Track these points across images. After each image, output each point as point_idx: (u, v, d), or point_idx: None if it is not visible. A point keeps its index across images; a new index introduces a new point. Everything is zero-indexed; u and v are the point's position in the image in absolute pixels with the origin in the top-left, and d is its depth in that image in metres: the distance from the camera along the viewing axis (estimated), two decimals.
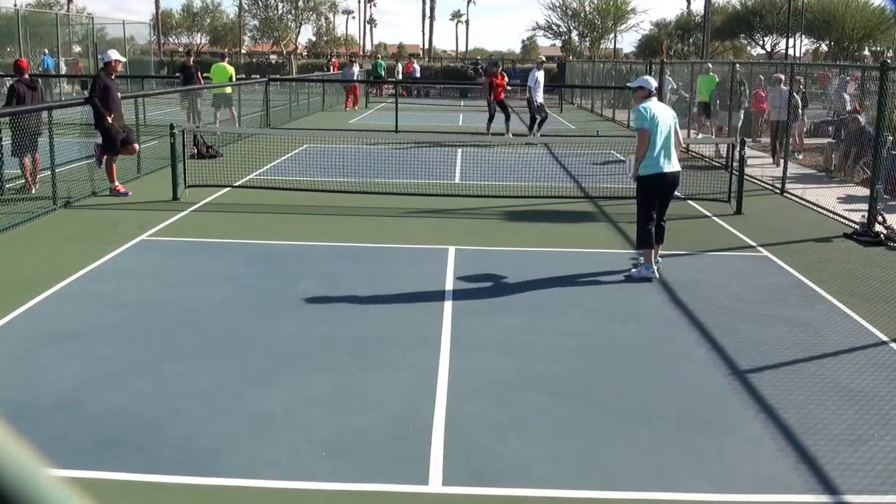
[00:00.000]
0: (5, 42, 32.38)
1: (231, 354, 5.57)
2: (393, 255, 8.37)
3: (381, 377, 5.22)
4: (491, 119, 19.74)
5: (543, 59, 22.59)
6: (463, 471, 4.07)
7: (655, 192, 7.58)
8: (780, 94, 15.51)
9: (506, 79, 20.72)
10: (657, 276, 7.61)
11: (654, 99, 7.65)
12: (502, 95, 20.00)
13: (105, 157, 11.30)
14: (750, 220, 10.44)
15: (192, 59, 21.57)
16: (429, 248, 8.66)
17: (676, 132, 7.62)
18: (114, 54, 11.58)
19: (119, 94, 11.51)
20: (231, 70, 20.21)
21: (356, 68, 32.45)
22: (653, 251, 7.64)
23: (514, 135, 18.95)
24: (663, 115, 7.55)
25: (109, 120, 10.99)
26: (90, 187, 11.53)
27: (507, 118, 19.70)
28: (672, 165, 7.56)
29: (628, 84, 8.14)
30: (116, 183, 11.37)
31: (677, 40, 62.40)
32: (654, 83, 7.78)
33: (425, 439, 4.38)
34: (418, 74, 41.95)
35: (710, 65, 21.14)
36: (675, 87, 21.93)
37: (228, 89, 19.35)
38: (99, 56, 32.28)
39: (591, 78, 33.45)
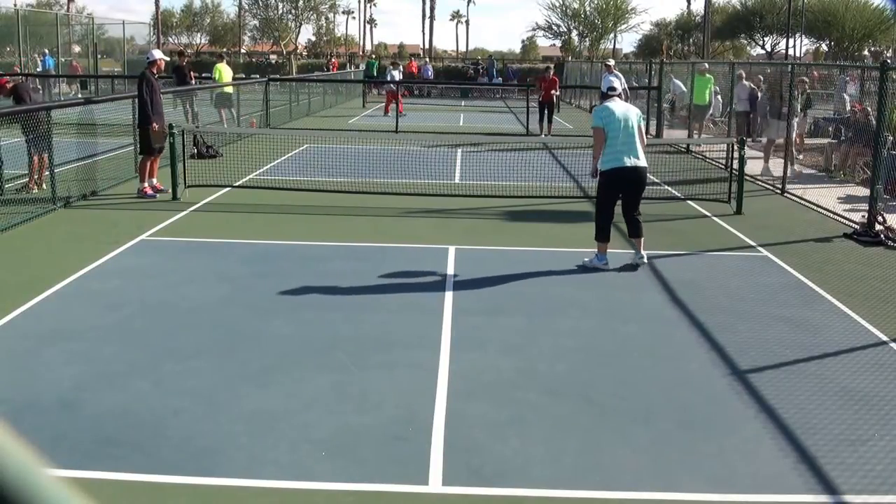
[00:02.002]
0: (5, 42, 32.39)
1: (230, 354, 5.57)
2: (393, 255, 8.37)
3: (381, 377, 5.22)
4: (546, 118, 20.51)
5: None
6: (463, 471, 4.07)
7: (616, 186, 7.86)
8: (742, 88, 17.66)
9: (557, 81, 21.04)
10: (608, 267, 7.89)
11: (616, 99, 7.99)
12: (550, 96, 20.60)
13: (148, 187, 11.38)
14: (750, 220, 10.44)
15: (185, 59, 21.60)
16: (429, 248, 8.66)
17: (640, 130, 7.90)
18: (158, 53, 11.84)
19: (161, 96, 11.61)
20: (228, 70, 20.43)
21: (397, 72, 30.13)
22: (607, 245, 7.96)
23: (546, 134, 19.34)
24: (622, 112, 7.84)
25: (156, 127, 11.07)
26: (90, 187, 11.53)
27: (546, 119, 20.42)
28: (634, 160, 7.78)
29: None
30: (145, 184, 11.37)
31: (677, 40, 62.41)
32: (609, 83, 8.15)
33: (425, 439, 4.38)
34: (431, 74, 40.05)
35: (706, 64, 19.92)
36: (684, 90, 21.37)
37: (229, 89, 19.40)
38: (100, 56, 32.37)
39: (591, 78, 33.44)
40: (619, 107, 7.90)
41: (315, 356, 5.55)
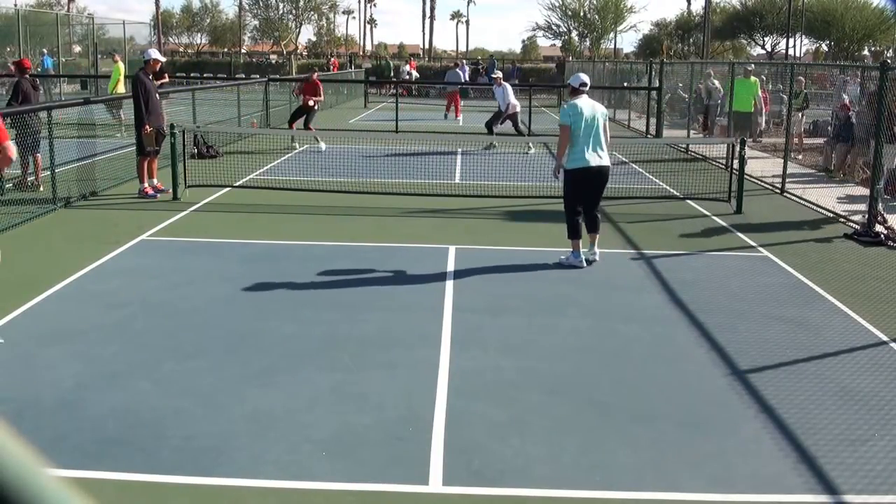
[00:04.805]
0: (5, 42, 32.37)
1: (231, 354, 5.57)
2: (393, 255, 8.37)
3: (382, 377, 5.22)
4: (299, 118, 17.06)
5: (499, 74, 18.49)
6: (463, 471, 4.07)
7: (581, 184, 7.92)
8: (707, 86, 19.23)
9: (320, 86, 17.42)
10: (584, 264, 7.99)
11: (584, 96, 8.00)
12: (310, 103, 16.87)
13: (148, 188, 11.35)
14: (750, 220, 10.44)
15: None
16: (429, 248, 8.66)
17: (605, 128, 7.96)
18: (154, 53, 11.63)
19: (158, 95, 11.52)
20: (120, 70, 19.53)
21: (460, 71, 27.70)
22: (581, 241, 8.01)
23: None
24: (589, 110, 7.87)
25: (148, 129, 11.00)
26: (90, 187, 11.54)
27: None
28: (598, 159, 7.85)
29: (569, 81, 8.44)
30: (146, 184, 11.34)
31: (677, 40, 62.37)
32: (581, 79, 8.10)
33: (425, 439, 4.38)
34: (467, 77, 37.20)
35: (752, 65, 17.57)
36: (682, 94, 21.14)
37: (121, 89, 18.85)
38: (100, 56, 32.36)
39: (592, 78, 33.37)
40: (587, 104, 7.95)
41: (315, 356, 5.56)
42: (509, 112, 17.44)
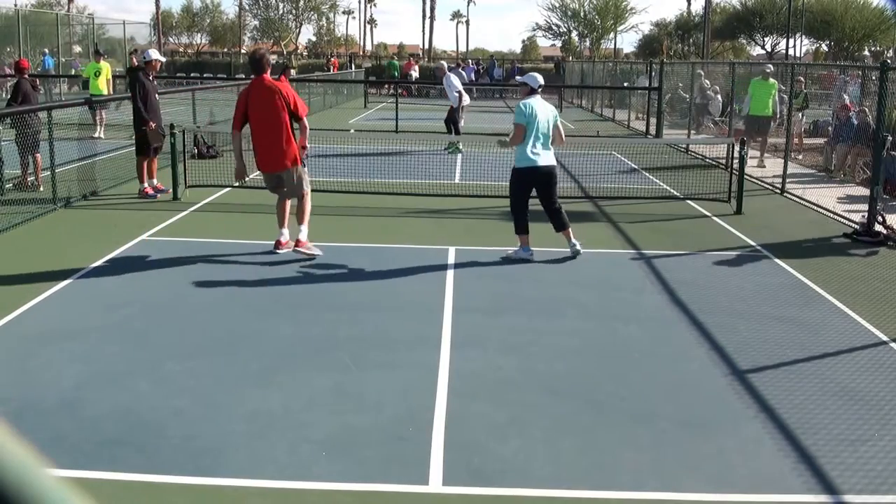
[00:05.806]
0: (5, 42, 32.39)
1: (231, 354, 5.57)
2: (393, 255, 8.37)
3: (381, 377, 5.22)
4: None
5: (459, 62, 19.32)
6: (463, 471, 4.07)
7: (528, 183, 8.16)
8: (701, 85, 20.05)
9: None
10: (533, 258, 8.17)
11: (538, 96, 8.17)
12: None
13: (146, 188, 11.33)
14: (750, 220, 10.44)
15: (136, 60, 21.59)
16: (429, 248, 8.66)
17: (558, 128, 8.20)
18: (154, 54, 11.57)
19: (157, 96, 11.48)
20: (103, 68, 19.24)
21: (464, 72, 27.47)
22: (528, 236, 8.20)
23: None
24: (542, 111, 8.07)
25: (152, 126, 10.98)
26: (90, 187, 11.53)
27: None
28: (546, 160, 8.09)
29: (516, 78, 8.49)
30: (146, 185, 11.32)
31: (677, 40, 62.36)
32: (539, 80, 8.25)
33: (425, 439, 4.38)
34: (472, 77, 35.21)
35: (770, 66, 16.20)
36: (678, 87, 21.30)
37: (102, 88, 18.83)
38: (104, 57, 32.34)
39: (592, 78, 33.44)
40: (540, 104, 8.12)
41: (315, 356, 5.56)
42: (462, 104, 17.41)
